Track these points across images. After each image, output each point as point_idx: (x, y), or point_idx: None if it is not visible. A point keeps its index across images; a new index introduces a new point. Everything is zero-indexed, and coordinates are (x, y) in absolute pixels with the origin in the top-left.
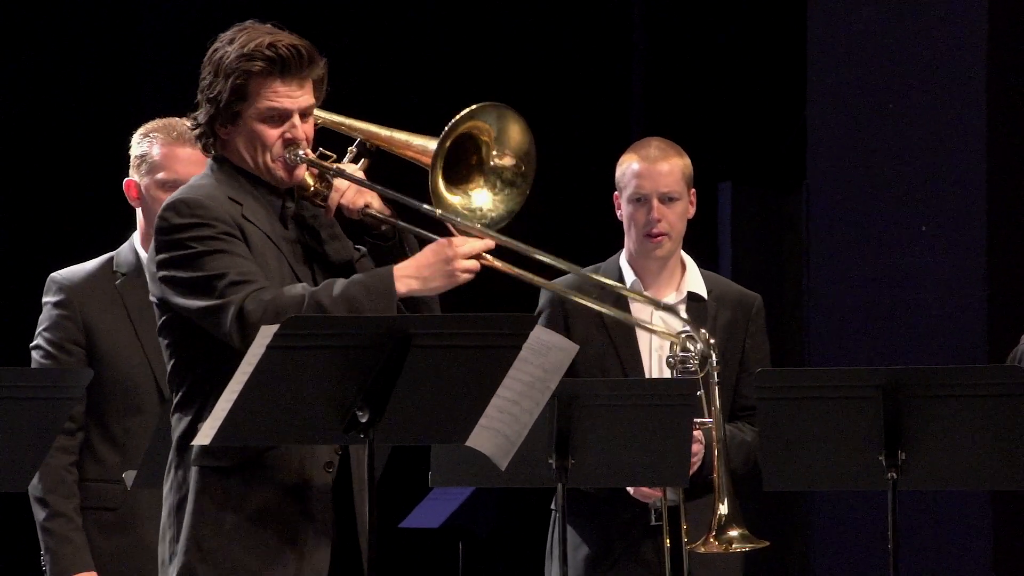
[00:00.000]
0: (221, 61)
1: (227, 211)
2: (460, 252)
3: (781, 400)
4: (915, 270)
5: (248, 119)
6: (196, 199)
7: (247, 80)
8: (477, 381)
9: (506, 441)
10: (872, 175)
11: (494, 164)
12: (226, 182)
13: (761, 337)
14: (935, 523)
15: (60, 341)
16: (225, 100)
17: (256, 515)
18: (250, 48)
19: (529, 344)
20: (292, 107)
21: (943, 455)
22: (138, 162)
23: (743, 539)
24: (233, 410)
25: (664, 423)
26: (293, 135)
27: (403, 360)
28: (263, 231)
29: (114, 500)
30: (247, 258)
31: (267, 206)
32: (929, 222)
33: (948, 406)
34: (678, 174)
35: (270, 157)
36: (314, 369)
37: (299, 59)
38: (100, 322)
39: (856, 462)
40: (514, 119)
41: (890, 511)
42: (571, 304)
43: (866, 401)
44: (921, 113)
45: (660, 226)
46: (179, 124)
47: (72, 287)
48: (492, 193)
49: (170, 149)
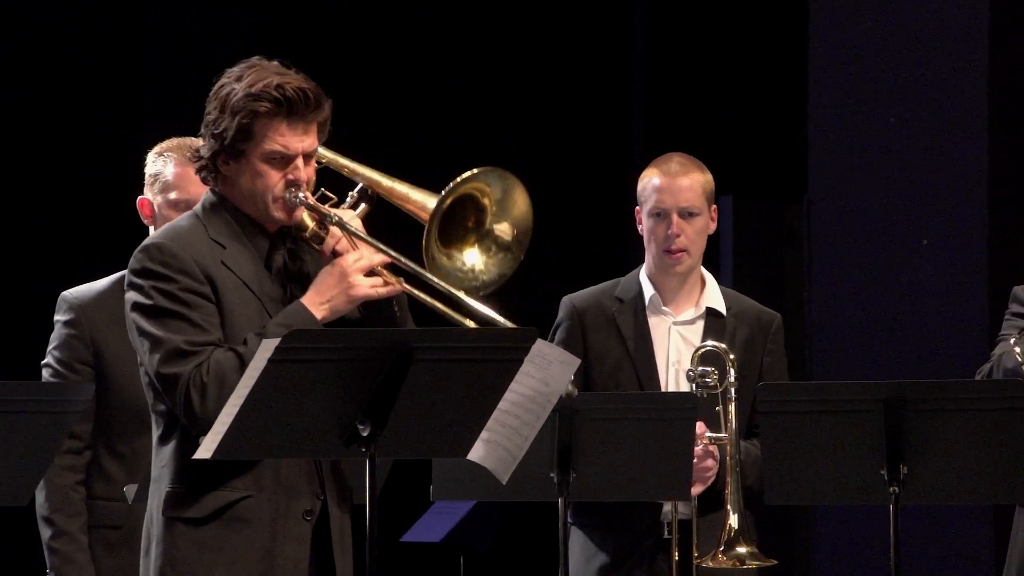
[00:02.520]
0: (228, 98)
1: (200, 260)
2: (353, 267)
3: (783, 414)
4: (916, 284)
5: (252, 158)
6: (169, 247)
7: (253, 120)
8: (478, 395)
9: (507, 455)
10: (873, 188)
11: (491, 229)
12: (214, 222)
13: (779, 355)
14: (937, 538)
15: (68, 360)
16: (231, 138)
17: (228, 566)
18: (258, 88)
19: (531, 357)
20: (297, 150)
21: (945, 469)
22: (152, 180)
23: (751, 556)
24: (234, 424)
25: (665, 437)
26: (295, 177)
27: (404, 373)
28: (240, 278)
29: (120, 518)
30: (203, 326)
31: (253, 249)
32: (930, 235)
33: (950, 420)
34: (699, 189)
35: (271, 197)
36: (315, 383)
37: (306, 102)
38: (109, 341)
39: (858, 476)
40: (519, 189)
41: (892, 525)
42: (589, 317)
43: (868, 415)
44: (922, 126)
45: (679, 242)
46: (194, 144)
47: (82, 306)
48: (486, 256)
49: (184, 169)
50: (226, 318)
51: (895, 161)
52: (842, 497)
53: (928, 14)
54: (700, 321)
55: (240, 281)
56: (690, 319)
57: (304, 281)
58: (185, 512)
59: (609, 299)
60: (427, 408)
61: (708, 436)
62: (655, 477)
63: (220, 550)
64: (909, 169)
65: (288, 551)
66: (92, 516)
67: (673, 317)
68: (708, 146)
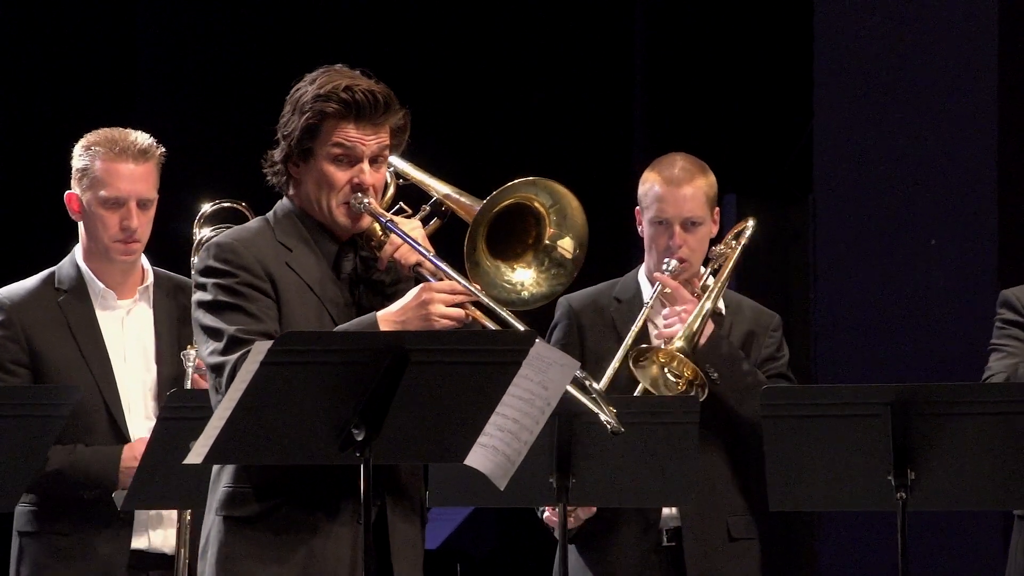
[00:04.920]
0: (299, 100)
1: (262, 259)
2: (438, 298)
3: (787, 418)
4: (924, 284)
5: (318, 159)
6: (230, 244)
7: (321, 120)
8: (476, 398)
9: (505, 460)
10: (880, 187)
11: (550, 243)
12: (282, 226)
13: (779, 346)
14: (946, 546)
15: (2, 362)
16: (297, 137)
17: (277, 565)
18: (327, 89)
19: (529, 360)
20: (363, 151)
21: (954, 474)
22: (79, 175)
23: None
24: (226, 428)
25: (668, 441)
26: (361, 180)
27: (400, 377)
28: (304, 279)
29: (67, 526)
30: (259, 316)
31: (320, 254)
32: (939, 235)
33: (959, 424)
34: (701, 198)
35: (335, 201)
36: (309, 386)
37: (374, 104)
38: (44, 341)
39: (864, 482)
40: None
41: (899, 532)
42: (586, 317)
43: (874, 419)
44: (930, 123)
45: (681, 252)
46: (123, 137)
47: (13, 306)
48: (537, 272)
49: (112, 165)
50: (284, 318)
51: (902, 158)
52: (848, 503)
53: (937, 8)
54: None
55: (303, 283)
56: None
57: (376, 289)
58: (239, 511)
59: (607, 299)
60: (423, 412)
61: None
62: (657, 483)
63: (269, 549)
64: (917, 166)
65: (331, 551)
66: (38, 523)
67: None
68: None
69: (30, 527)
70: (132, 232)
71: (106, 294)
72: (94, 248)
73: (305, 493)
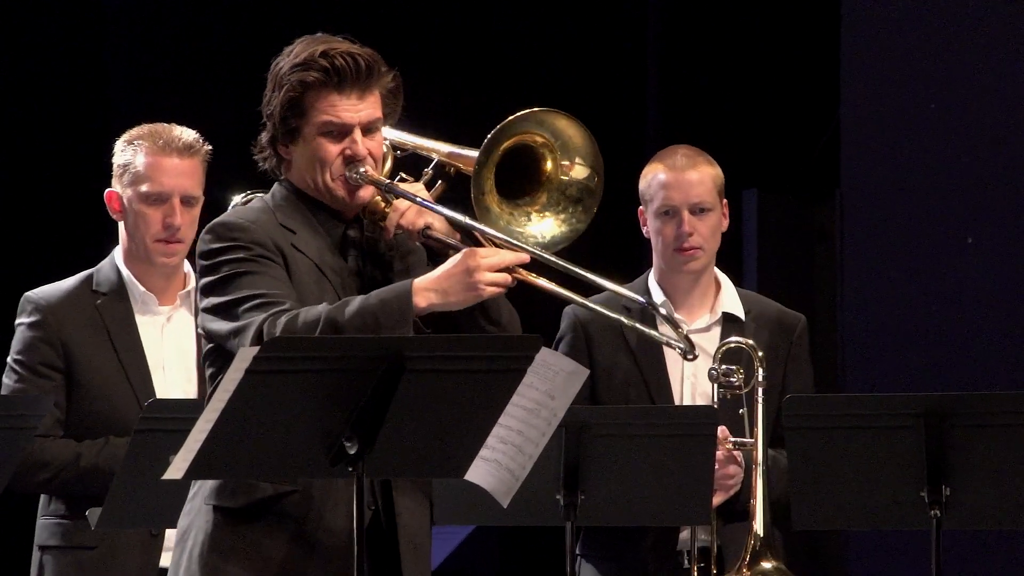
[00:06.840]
0: (278, 73)
1: (270, 235)
2: (484, 264)
3: (812, 430)
4: (960, 286)
5: (307, 136)
6: (235, 221)
7: (302, 93)
8: (477, 409)
9: (509, 475)
10: (912, 182)
11: (565, 179)
12: (283, 208)
13: (803, 362)
14: (983, 566)
15: (34, 365)
16: (280, 115)
17: (266, 558)
18: (303, 57)
19: (535, 368)
20: (351, 120)
21: (991, 490)
22: (121, 171)
23: (777, 572)
24: (208, 441)
25: (684, 455)
26: (354, 151)
27: (396, 385)
28: (313, 261)
29: (94, 538)
30: (278, 279)
31: (324, 235)
32: (976, 233)
33: (997, 436)
34: (709, 183)
35: (330, 176)
36: (297, 395)
37: (356, 69)
38: (80, 345)
39: (895, 499)
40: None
41: (933, 552)
42: (595, 328)
43: (906, 431)
44: (966, 113)
45: (692, 240)
46: (166, 131)
47: (49, 307)
48: (555, 213)
49: (156, 159)
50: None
51: (936, 151)
52: (878, 522)
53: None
54: (716, 328)
55: (313, 263)
56: (705, 326)
57: (384, 267)
58: (230, 502)
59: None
60: (421, 423)
61: (732, 441)
62: (672, 500)
63: (260, 542)
64: (952, 160)
65: (325, 546)
66: (62, 537)
67: (687, 325)
68: (730, 135)
69: (54, 541)
70: (175, 230)
71: (146, 298)
72: (135, 250)
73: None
